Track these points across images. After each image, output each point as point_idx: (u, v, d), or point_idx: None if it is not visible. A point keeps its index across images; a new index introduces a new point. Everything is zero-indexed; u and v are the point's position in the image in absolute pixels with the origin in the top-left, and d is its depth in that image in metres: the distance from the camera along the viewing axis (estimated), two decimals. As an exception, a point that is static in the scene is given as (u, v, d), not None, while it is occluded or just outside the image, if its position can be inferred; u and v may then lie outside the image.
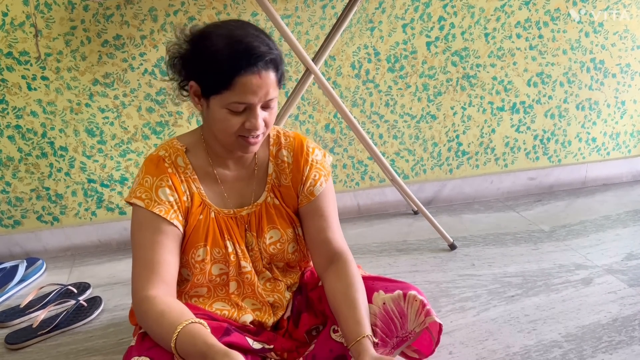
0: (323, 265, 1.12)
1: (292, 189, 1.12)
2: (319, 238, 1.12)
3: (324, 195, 1.13)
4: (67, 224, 1.91)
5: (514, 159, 2.29)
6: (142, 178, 1.04)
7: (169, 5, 1.74)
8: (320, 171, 1.13)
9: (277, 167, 1.13)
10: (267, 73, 0.95)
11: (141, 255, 1.01)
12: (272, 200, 1.12)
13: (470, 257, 1.82)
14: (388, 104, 2.05)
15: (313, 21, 1.86)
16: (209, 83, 0.97)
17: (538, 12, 2.06)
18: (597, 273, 1.71)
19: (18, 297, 1.67)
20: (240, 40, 0.95)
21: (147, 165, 1.06)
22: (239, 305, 1.12)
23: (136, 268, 1.01)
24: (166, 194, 1.03)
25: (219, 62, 0.94)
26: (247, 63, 0.93)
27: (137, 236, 1.03)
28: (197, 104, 1.02)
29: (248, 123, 0.98)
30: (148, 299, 0.96)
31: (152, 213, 1.02)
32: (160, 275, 0.99)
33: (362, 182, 2.15)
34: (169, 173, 1.05)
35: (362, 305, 1.02)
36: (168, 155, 1.07)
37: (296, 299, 1.17)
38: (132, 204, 1.04)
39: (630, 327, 1.45)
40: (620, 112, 2.33)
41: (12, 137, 1.76)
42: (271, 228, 1.12)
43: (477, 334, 1.44)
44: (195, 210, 1.07)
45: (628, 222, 2.06)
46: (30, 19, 1.65)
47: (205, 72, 0.97)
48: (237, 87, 0.94)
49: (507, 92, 2.16)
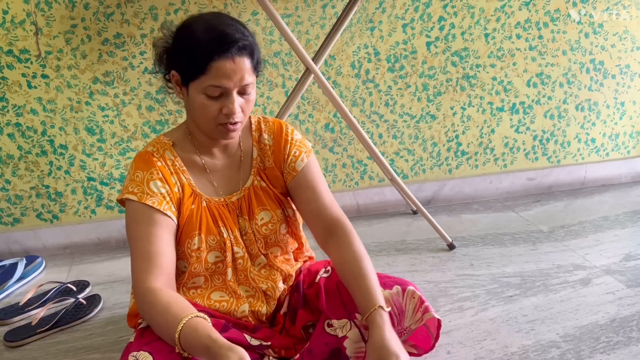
0: (323, 238, 1.14)
1: (276, 169, 1.17)
2: (310, 209, 1.15)
3: (307, 169, 1.16)
4: (66, 222, 1.91)
5: (513, 159, 2.29)
6: (133, 174, 1.07)
7: (169, 4, 1.74)
8: (301, 148, 1.17)
9: (260, 151, 1.17)
10: (242, 58, 0.99)
11: (139, 248, 1.02)
12: (259, 183, 1.16)
13: (468, 257, 1.83)
14: (388, 104, 2.05)
15: (313, 20, 1.86)
16: (187, 70, 1.01)
17: (538, 12, 2.06)
18: (595, 274, 1.72)
19: (17, 295, 1.67)
20: (214, 27, 0.99)
21: (136, 162, 1.09)
22: (237, 293, 1.13)
23: (135, 261, 1.02)
24: (157, 186, 1.06)
25: (194, 49, 0.98)
26: (221, 49, 0.97)
27: (133, 230, 1.04)
28: (179, 92, 1.07)
29: (225, 108, 1.02)
30: (152, 291, 0.96)
31: (145, 205, 1.04)
32: (160, 266, 1.00)
33: (362, 182, 2.16)
34: (158, 166, 1.08)
35: (369, 274, 1.04)
36: (156, 150, 1.10)
37: (293, 297, 1.18)
38: (124, 200, 1.06)
39: (628, 328, 1.45)
40: (620, 113, 2.33)
41: (12, 134, 1.77)
42: (261, 210, 1.15)
43: (476, 333, 1.44)
44: (187, 201, 1.09)
45: (627, 223, 2.06)
46: (31, 16, 1.66)
47: (183, 59, 1.01)
48: (212, 71, 0.98)
49: (506, 92, 2.16)
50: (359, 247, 1.09)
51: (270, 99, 1.91)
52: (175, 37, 1.04)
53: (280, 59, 1.87)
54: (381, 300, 1.00)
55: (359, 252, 1.08)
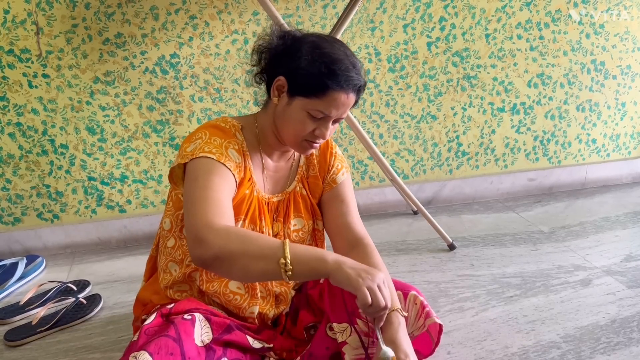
0: (345, 249, 1.16)
1: (319, 177, 1.20)
2: (340, 222, 1.18)
3: (345, 184, 1.21)
4: (67, 221, 1.91)
5: (513, 160, 2.29)
6: (210, 137, 1.05)
7: (170, 4, 1.74)
8: (343, 162, 1.23)
9: (307, 160, 1.21)
10: (353, 96, 1.03)
11: (210, 196, 0.96)
12: (300, 190, 1.19)
13: (469, 258, 1.83)
14: (388, 104, 2.05)
15: (314, 21, 1.86)
16: (302, 85, 1.02)
17: (539, 13, 2.06)
18: (596, 274, 1.71)
19: (18, 294, 1.67)
20: (350, 58, 1.02)
21: (210, 129, 1.07)
22: (254, 290, 1.13)
23: (206, 205, 0.95)
24: (234, 155, 1.06)
25: (325, 73, 0.99)
26: (346, 82, 1.00)
27: (205, 179, 0.98)
28: (275, 96, 1.07)
29: (318, 131, 1.05)
30: (235, 228, 0.94)
31: (223, 165, 1.01)
32: (229, 218, 0.96)
33: (362, 182, 2.16)
34: (235, 139, 1.08)
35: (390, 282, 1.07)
36: (228, 128, 1.09)
37: (295, 297, 1.18)
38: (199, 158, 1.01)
39: (628, 329, 1.45)
40: (621, 113, 2.33)
41: (13, 134, 1.77)
42: (296, 216, 1.18)
43: (476, 334, 1.44)
44: (245, 184, 1.10)
45: (627, 224, 2.06)
46: (32, 16, 1.66)
47: (305, 76, 1.01)
48: (327, 98, 1.01)
49: (507, 92, 2.16)
50: (379, 260, 1.12)
51: (270, 99, 1.91)
52: (297, 47, 1.03)
53: (281, 59, 1.87)
54: (398, 304, 1.02)
55: (379, 263, 1.11)
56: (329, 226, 1.20)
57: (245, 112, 1.90)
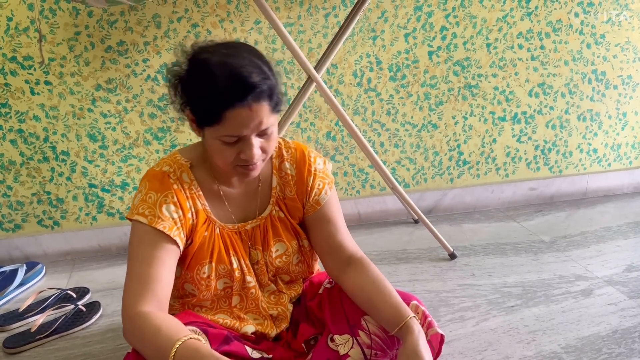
0: (339, 268, 1.11)
1: (298, 200, 1.12)
2: (330, 243, 1.12)
3: (330, 203, 1.13)
4: (67, 228, 1.91)
5: (515, 169, 2.29)
6: (146, 194, 1.02)
7: (172, 12, 1.75)
8: (324, 179, 1.13)
9: (280, 179, 1.12)
10: (259, 104, 0.91)
11: (138, 270, 0.97)
12: (277, 213, 1.12)
13: (470, 267, 1.82)
14: (389, 113, 2.06)
15: (316, 29, 1.87)
16: (201, 116, 0.95)
17: (540, 23, 2.07)
18: (597, 284, 1.71)
19: (17, 301, 1.67)
20: (230, 70, 0.90)
21: (150, 181, 1.03)
22: (241, 317, 1.12)
23: (130, 282, 0.97)
24: (170, 210, 1.01)
25: (208, 97, 0.91)
26: (236, 97, 0.89)
27: (136, 251, 0.99)
28: (194, 129, 1.00)
29: (243, 154, 0.96)
30: (142, 315, 0.91)
31: (154, 229, 0.98)
32: (155, 291, 0.95)
33: (363, 190, 2.15)
34: (174, 189, 1.02)
35: (393, 290, 1.04)
36: (173, 171, 1.04)
37: (295, 309, 1.17)
38: (134, 220, 1.01)
39: (630, 339, 1.44)
40: (622, 123, 2.33)
41: (14, 141, 1.77)
42: (277, 241, 1.12)
43: (477, 344, 1.43)
44: (201, 228, 1.05)
45: (629, 234, 2.06)
46: (35, 24, 1.66)
47: (197, 104, 0.95)
48: (227, 121, 0.91)
49: (508, 102, 2.16)
50: (378, 272, 1.08)
51: (272, 107, 1.92)
52: (191, 74, 0.95)
53: (282, 67, 1.88)
54: (410, 311, 1.00)
55: (379, 275, 1.07)
56: (317, 247, 1.14)
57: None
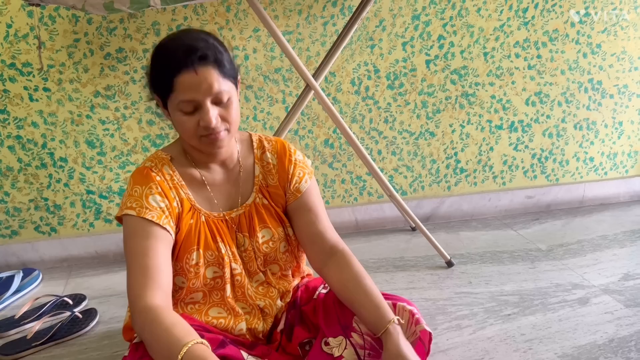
0: (321, 260, 1.13)
1: (280, 187, 1.16)
2: (310, 231, 1.15)
3: (310, 191, 1.17)
4: (64, 234, 1.91)
5: (512, 177, 2.29)
6: (131, 189, 1.06)
7: (171, 19, 1.75)
8: (304, 169, 1.18)
9: (262, 169, 1.17)
10: (205, 68, 0.97)
11: (136, 263, 1.00)
12: (260, 201, 1.15)
13: (467, 275, 1.82)
14: (387, 121, 2.06)
15: (314, 38, 1.88)
16: (160, 90, 1.02)
17: (537, 32, 2.08)
18: (593, 293, 1.71)
19: (13, 308, 1.66)
20: (180, 43, 0.98)
21: (134, 177, 1.08)
22: (235, 310, 1.13)
23: (132, 275, 0.99)
24: (157, 200, 1.05)
25: (161, 68, 0.99)
26: (183, 63, 0.96)
27: (130, 244, 1.02)
28: (166, 115, 1.07)
29: (202, 121, 1.00)
30: (153, 309, 0.93)
31: (144, 219, 1.02)
32: (157, 281, 0.98)
33: (361, 198, 2.16)
34: (157, 181, 1.07)
35: (375, 291, 1.06)
36: (154, 165, 1.09)
37: (290, 313, 1.18)
38: (123, 216, 1.04)
39: (626, 348, 1.45)
40: (618, 132, 2.35)
41: (13, 147, 1.77)
42: (263, 227, 1.15)
43: (473, 352, 1.43)
44: (186, 216, 1.08)
45: (625, 242, 2.06)
46: (34, 30, 1.67)
47: (155, 80, 1.02)
48: (178, 87, 0.98)
49: (505, 110, 2.17)
50: (360, 267, 1.10)
51: (270, 115, 1.92)
52: (151, 58, 1.04)
53: (280, 75, 1.89)
54: (391, 314, 1.02)
55: (361, 271, 1.09)
56: (300, 236, 1.17)
57: (245, 128, 1.91)
